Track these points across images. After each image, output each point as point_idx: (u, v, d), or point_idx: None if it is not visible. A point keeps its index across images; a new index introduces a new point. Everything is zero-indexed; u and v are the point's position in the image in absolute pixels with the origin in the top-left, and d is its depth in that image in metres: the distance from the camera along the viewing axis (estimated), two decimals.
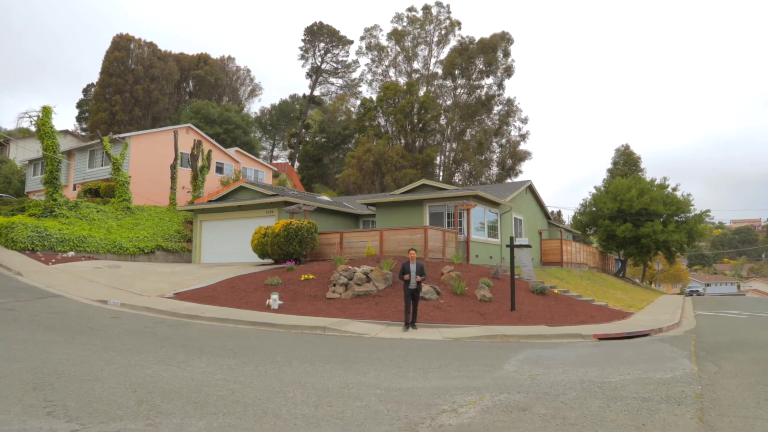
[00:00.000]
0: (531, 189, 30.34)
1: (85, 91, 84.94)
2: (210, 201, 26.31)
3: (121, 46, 72.44)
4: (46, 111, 27.01)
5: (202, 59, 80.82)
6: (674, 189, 43.56)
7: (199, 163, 34.86)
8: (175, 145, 34.18)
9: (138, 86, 70.47)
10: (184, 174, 36.01)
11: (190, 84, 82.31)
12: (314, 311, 12.81)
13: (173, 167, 33.98)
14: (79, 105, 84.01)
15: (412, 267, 11.33)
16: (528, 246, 13.24)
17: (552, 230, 33.83)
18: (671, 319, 15.33)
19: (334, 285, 14.42)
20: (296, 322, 11.34)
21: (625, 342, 10.80)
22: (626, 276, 49.07)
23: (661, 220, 41.60)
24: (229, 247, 24.43)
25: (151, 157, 35.18)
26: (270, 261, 21.15)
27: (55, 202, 27.22)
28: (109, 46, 73.28)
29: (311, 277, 15.64)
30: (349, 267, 14.93)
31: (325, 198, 29.62)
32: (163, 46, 77.92)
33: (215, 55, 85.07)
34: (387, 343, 9.42)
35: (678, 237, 41.03)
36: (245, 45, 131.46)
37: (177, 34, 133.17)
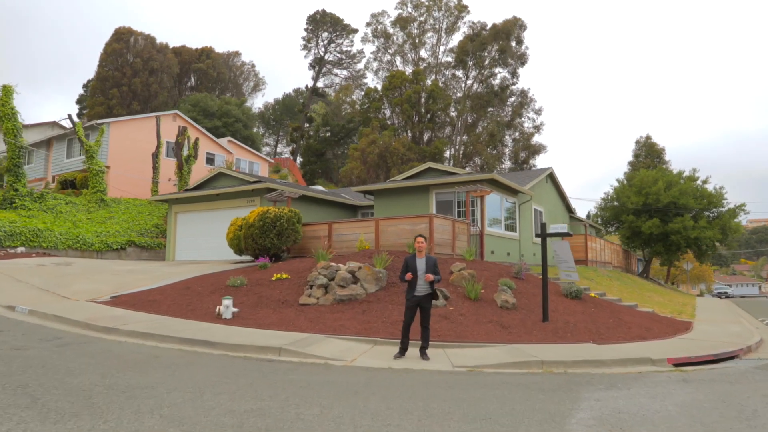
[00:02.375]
0: (552, 177, 26.81)
1: (85, 86, 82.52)
2: (186, 190, 23.13)
3: (120, 38, 69.85)
4: (6, 90, 24.04)
5: (205, 53, 77.98)
6: (704, 182, 39.75)
7: (185, 152, 31.77)
8: (158, 132, 31.10)
9: (136, 79, 67.85)
10: (171, 165, 32.94)
11: (192, 78, 79.64)
12: (278, 322, 9.53)
13: (155, 156, 30.94)
14: (79, 101, 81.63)
15: (420, 263, 7.67)
16: (568, 234, 9.84)
17: (575, 224, 30.28)
18: (747, 333, 11.84)
19: (311, 287, 11.12)
20: (245, 339, 8.06)
21: (719, 371, 7.39)
22: (650, 276, 45.28)
23: (692, 215, 37.79)
24: (206, 242, 21.23)
25: (133, 146, 32.11)
26: (250, 258, 17.93)
27: (16, 193, 24.21)
28: (108, 39, 70.85)
29: (285, 276, 12.36)
30: (332, 264, 11.62)
31: (319, 188, 26.37)
32: (169, 42, 75.14)
33: (220, 49, 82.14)
34: (364, 378, 6.09)
35: (711, 233, 37.20)
36: (249, 39, 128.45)
37: (182, 30, 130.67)
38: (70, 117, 28.50)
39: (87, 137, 30.13)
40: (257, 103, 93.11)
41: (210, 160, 37.48)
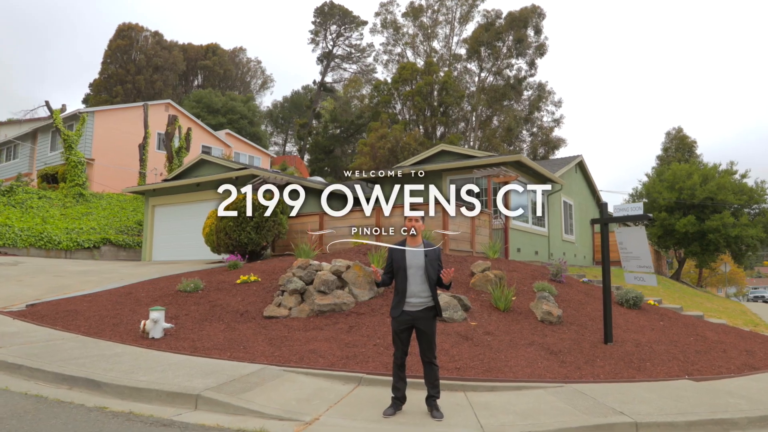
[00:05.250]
0: (581, 166, 23.61)
1: (91, 85, 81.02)
2: (165, 180, 20.41)
3: (125, 35, 68.11)
4: None
5: (211, 49, 75.87)
6: (743, 176, 36.13)
7: (176, 144, 29.14)
8: (145, 121, 28.50)
9: (140, 77, 65.96)
10: (162, 158, 30.35)
11: (199, 76, 77.65)
12: (225, 344, 6.62)
13: (142, 147, 28.35)
14: (85, 100, 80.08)
15: (413, 255, 4.68)
16: (646, 217, 6.82)
17: None
18: None
19: (282, 293, 8.21)
20: (155, 375, 5.16)
21: None
22: (680, 278, 41.63)
23: (731, 211, 34.20)
24: (185, 239, 18.43)
25: (120, 138, 29.55)
26: (228, 256, 15.11)
27: None
28: (112, 35, 69.10)
29: (253, 279, 9.46)
30: (313, 262, 8.71)
31: (317, 178, 23.55)
32: (172, 38, 73.14)
33: (226, 46, 79.93)
34: None
35: (754, 232, 33.56)
36: (256, 35, 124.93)
37: (186, 26, 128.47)
38: (47, 104, 26.04)
39: (71, 128, 27.70)
40: (266, 101, 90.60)
41: (206, 153, 34.82)
